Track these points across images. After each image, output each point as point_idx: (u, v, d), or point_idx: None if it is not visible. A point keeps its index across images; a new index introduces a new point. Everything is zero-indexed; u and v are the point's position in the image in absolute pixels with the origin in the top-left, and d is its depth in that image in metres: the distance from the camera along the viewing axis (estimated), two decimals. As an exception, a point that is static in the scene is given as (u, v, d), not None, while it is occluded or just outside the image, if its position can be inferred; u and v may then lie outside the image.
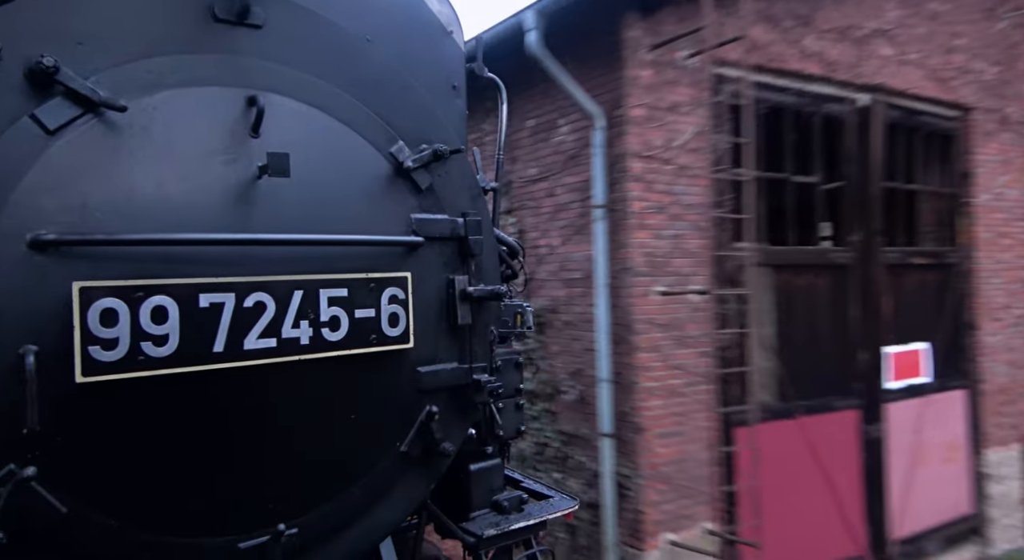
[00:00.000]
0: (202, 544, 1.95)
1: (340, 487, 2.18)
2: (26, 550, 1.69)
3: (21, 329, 1.65)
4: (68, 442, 1.72)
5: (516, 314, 2.95)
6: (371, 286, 2.14)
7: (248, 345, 1.92)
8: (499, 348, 2.77)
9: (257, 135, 2.00)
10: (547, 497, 2.97)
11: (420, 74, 2.54)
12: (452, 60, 2.78)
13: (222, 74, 2.02)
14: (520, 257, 2.97)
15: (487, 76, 2.98)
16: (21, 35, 1.73)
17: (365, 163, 2.24)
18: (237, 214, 1.96)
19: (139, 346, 1.76)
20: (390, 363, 2.22)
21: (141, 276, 1.78)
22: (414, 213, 2.31)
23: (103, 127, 1.82)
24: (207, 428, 1.92)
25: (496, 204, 2.99)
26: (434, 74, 2.68)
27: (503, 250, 2.86)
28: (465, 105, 2.83)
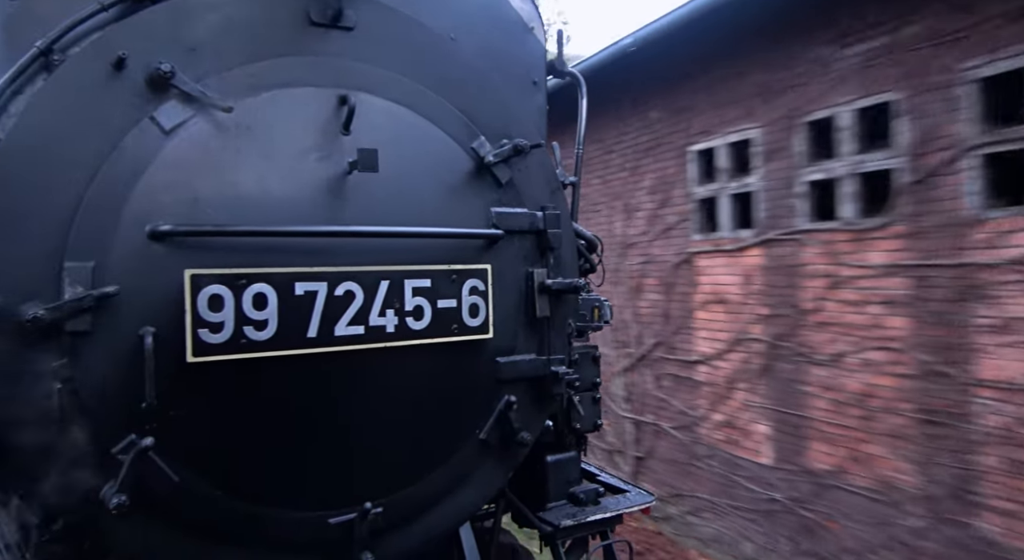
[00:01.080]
0: (296, 517, 2.09)
1: (422, 470, 2.29)
2: (144, 514, 1.86)
3: (141, 312, 1.83)
4: (179, 417, 1.90)
5: (594, 308, 2.97)
6: (453, 277, 2.23)
7: (338, 331, 2.05)
8: (576, 342, 2.80)
9: (348, 132, 2.12)
10: (623, 491, 2.98)
11: (502, 70, 2.62)
12: (533, 56, 2.84)
13: (316, 75, 2.15)
14: (598, 251, 2.99)
15: (568, 71, 3.01)
16: (143, 44, 1.92)
17: (448, 158, 2.33)
18: (329, 207, 2.09)
19: (242, 330, 1.91)
20: (470, 352, 2.31)
21: (244, 265, 1.93)
22: (494, 207, 2.39)
23: (211, 127, 1.99)
24: (301, 408, 2.06)
25: (575, 198, 3.02)
26: (515, 70, 2.76)
27: (581, 244, 2.89)
28: (545, 100, 2.88)
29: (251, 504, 2.03)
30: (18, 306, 1.72)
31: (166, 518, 1.94)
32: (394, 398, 2.21)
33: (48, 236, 1.78)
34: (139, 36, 1.94)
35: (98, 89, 1.88)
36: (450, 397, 2.32)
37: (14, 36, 1.98)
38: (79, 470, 1.82)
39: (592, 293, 3.03)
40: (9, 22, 2.01)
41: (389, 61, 2.30)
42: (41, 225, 1.78)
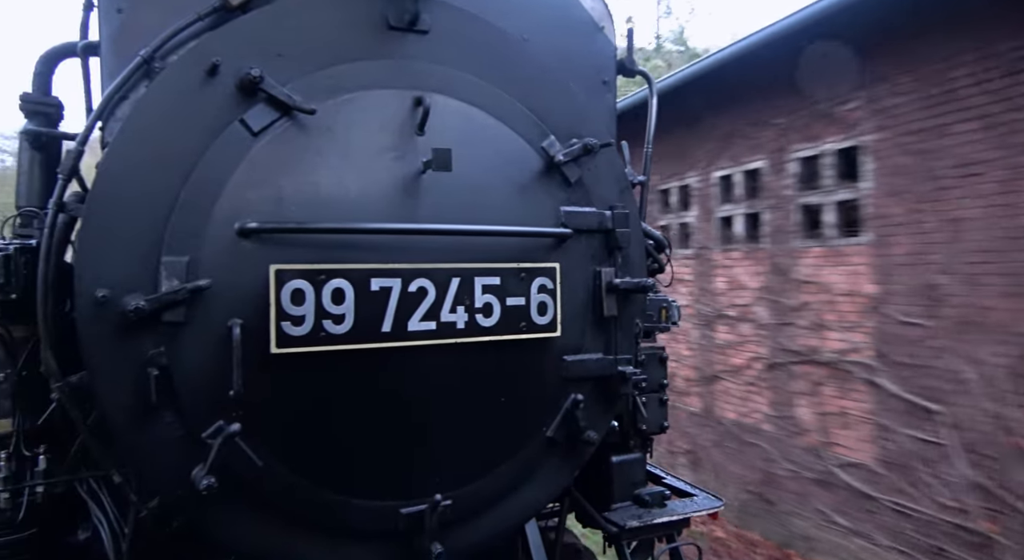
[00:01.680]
0: (369, 506, 2.18)
1: (490, 465, 2.35)
2: (229, 496, 1.98)
3: (229, 305, 1.95)
4: (263, 405, 2.01)
5: (661, 308, 2.97)
6: (522, 275, 2.28)
7: (411, 326, 2.13)
8: (644, 342, 2.80)
9: (422, 133, 2.19)
10: (690, 495, 2.96)
11: (572, 69, 2.66)
12: (603, 55, 2.87)
13: (393, 77, 2.25)
14: (667, 251, 2.99)
15: (638, 70, 3.01)
16: (234, 51, 2.04)
17: (518, 157, 2.39)
18: (404, 206, 2.18)
19: (321, 323, 2.01)
20: (538, 350, 2.36)
21: (323, 261, 2.03)
22: (563, 206, 2.43)
23: (295, 128, 2.10)
24: (375, 401, 2.16)
25: (644, 198, 3.02)
26: (586, 69, 2.79)
27: (650, 244, 2.90)
28: (615, 99, 2.89)
29: (328, 491, 2.14)
30: (121, 298, 1.85)
31: (250, 501, 2.05)
32: (463, 393, 2.28)
33: (148, 232, 1.92)
34: (231, 43, 2.07)
35: (193, 94, 2.01)
36: (518, 394, 2.37)
37: (120, 47, 2.14)
38: (172, 452, 1.96)
39: (660, 293, 3.02)
40: (116, 34, 2.17)
41: (462, 63, 2.37)
42: (143, 222, 1.92)
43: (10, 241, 2.28)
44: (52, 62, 2.80)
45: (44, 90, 2.76)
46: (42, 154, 2.68)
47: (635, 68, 3.01)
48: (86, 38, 2.68)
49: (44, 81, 2.77)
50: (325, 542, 2.17)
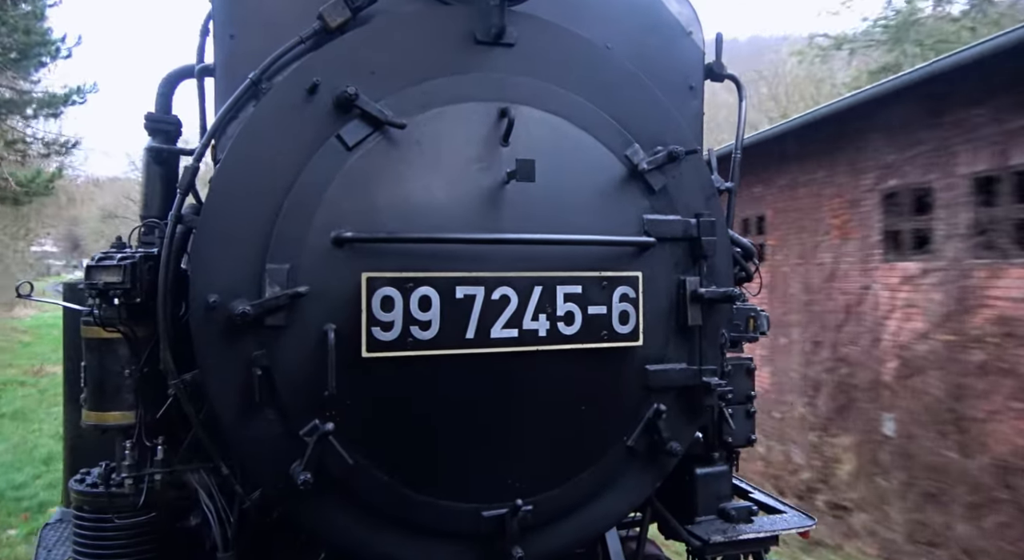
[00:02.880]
0: (452, 508, 2.29)
1: (571, 472, 2.43)
2: (323, 492, 2.15)
3: (324, 310, 2.12)
4: (354, 406, 2.17)
5: (749, 318, 2.94)
6: (604, 284, 2.34)
7: (494, 334, 2.24)
8: (730, 353, 2.77)
9: (507, 144, 2.28)
10: (779, 511, 2.89)
11: (657, 75, 2.69)
12: (690, 60, 2.87)
13: (480, 90, 2.37)
14: (755, 259, 2.94)
15: (727, 74, 2.99)
16: (332, 70, 2.21)
17: (601, 166, 2.45)
18: (488, 216, 2.29)
19: (409, 329, 2.15)
20: (620, 359, 2.40)
21: (411, 269, 2.17)
22: (647, 214, 2.47)
23: (387, 142, 2.26)
24: (459, 405, 2.29)
25: (731, 205, 2.99)
26: (672, 75, 2.81)
27: (737, 252, 2.87)
28: (702, 105, 2.89)
29: (413, 491, 2.27)
30: (230, 303, 2.06)
31: (341, 498, 2.22)
32: (544, 400, 2.36)
33: (254, 242, 2.12)
34: (329, 63, 2.25)
35: (295, 111, 2.20)
36: (599, 402, 2.42)
37: (232, 69, 2.36)
38: (273, 448, 2.15)
39: (748, 303, 2.98)
40: (228, 58, 2.40)
41: (547, 73, 2.46)
42: (250, 232, 2.12)
43: (136, 249, 2.56)
44: (172, 84, 3.10)
45: (165, 109, 3.07)
46: (163, 169, 2.98)
47: (724, 72, 2.99)
48: (202, 61, 2.97)
49: (165, 101, 3.08)
50: (409, 540, 2.31)
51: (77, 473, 2.65)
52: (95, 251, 2.55)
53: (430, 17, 2.43)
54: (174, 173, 2.96)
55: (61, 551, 3.03)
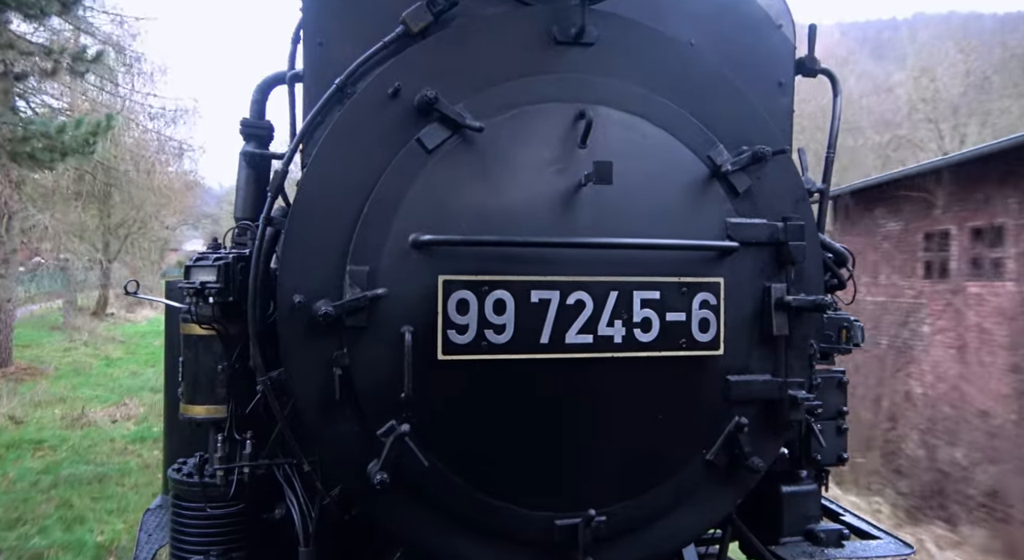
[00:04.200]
0: (524, 514, 2.37)
1: (646, 484, 2.45)
2: (398, 492, 2.28)
3: (401, 312, 2.23)
4: (429, 408, 2.27)
5: (841, 328, 2.84)
6: (683, 290, 2.35)
7: (569, 339, 2.30)
8: (820, 365, 2.69)
9: (584, 145, 2.33)
10: (873, 537, 2.78)
11: (745, 72, 2.68)
12: (780, 55, 2.83)
13: (558, 91, 2.45)
14: (849, 265, 2.84)
15: (820, 69, 2.90)
16: (413, 74, 2.34)
17: (682, 167, 2.46)
18: (564, 219, 2.36)
19: (483, 333, 2.24)
20: (699, 369, 2.41)
21: (486, 272, 2.25)
22: (730, 217, 2.45)
23: (465, 145, 2.37)
24: (532, 411, 2.36)
25: (822, 207, 2.91)
26: (759, 71, 2.78)
27: (829, 257, 2.78)
28: (792, 102, 2.82)
29: (486, 495, 2.36)
30: (313, 303, 2.20)
31: (416, 499, 2.35)
32: (619, 409, 2.39)
33: (337, 244, 2.27)
34: (410, 67, 2.38)
35: (378, 116, 2.35)
36: (676, 413, 2.43)
37: (320, 76, 2.53)
38: (351, 447, 2.29)
39: (840, 312, 2.88)
40: (317, 64, 2.57)
41: (627, 73, 2.50)
42: (333, 235, 2.28)
43: (229, 250, 2.77)
44: (266, 90, 3.34)
45: (259, 115, 3.31)
46: (255, 172, 3.21)
47: (816, 67, 2.90)
48: (293, 68, 3.17)
49: (259, 107, 3.31)
50: (482, 544, 2.40)
51: (175, 462, 2.89)
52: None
53: (510, 18, 2.52)
54: (266, 177, 3.18)
55: (160, 535, 3.32)
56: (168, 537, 2.84)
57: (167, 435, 4.01)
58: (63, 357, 19.94)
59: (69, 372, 17.70)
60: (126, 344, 23.53)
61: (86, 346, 21.85)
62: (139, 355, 21.30)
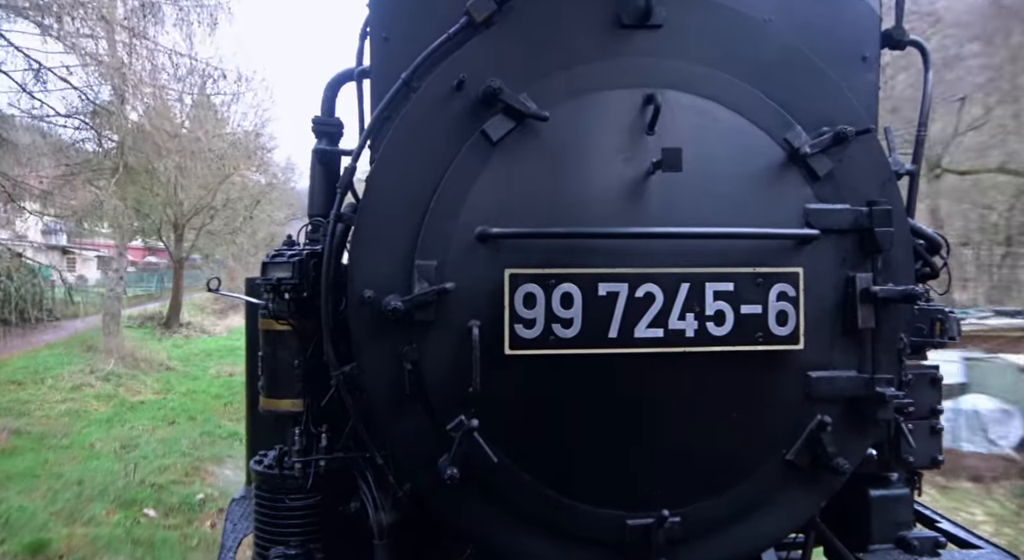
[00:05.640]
0: (594, 513, 2.43)
1: (721, 484, 2.47)
2: (468, 488, 2.38)
3: (468, 306, 2.33)
4: (497, 403, 2.36)
5: (935, 321, 2.74)
6: (758, 281, 2.34)
7: (638, 333, 2.33)
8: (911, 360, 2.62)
9: (652, 132, 2.35)
10: (974, 546, 2.68)
11: (825, 47, 2.63)
12: (864, 28, 2.75)
13: (624, 77, 2.48)
14: (943, 252, 2.73)
15: (909, 41, 2.80)
16: (479, 65, 2.43)
17: (757, 151, 2.45)
18: (632, 209, 2.39)
19: (551, 327, 2.30)
20: (777, 364, 2.39)
21: (553, 265, 2.32)
22: (809, 203, 2.42)
23: (529, 135, 2.44)
24: (602, 407, 2.41)
25: (912, 190, 2.81)
26: (841, 45, 2.72)
27: (920, 244, 2.69)
28: (878, 77, 2.74)
29: (555, 492, 2.44)
30: (383, 298, 2.32)
31: (486, 495, 2.44)
32: (692, 406, 2.42)
33: (405, 239, 2.39)
34: (474, 58, 2.47)
35: (442, 109, 2.45)
36: (753, 410, 2.43)
37: (387, 71, 2.65)
38: (422, 441, 2.41)
39: (933, 303, 2.78)
40: (383, 59, 2.70)
41: (697, 55, 2.51)
42: (401, 229, 2.40)
43: (303, 247, 2.95)
44: (335, 87, 3.51)
45: (329, 112, 3.49)
46: (326, 169, 3.39)
47: (905, 38, 2.80)
48: (361, 65, 3.33)
49: (329, 105, 3.49)
50: (553, 543, 2.48)
51: (256, 454, 3.11)
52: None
53: (575, 3, 2.54)
54: (337, 173, 3.35)
55: (244, 525, 3.57)
56: (252, 527, 3.06)
57: (249, 428, 4.30)
58: (50, 408, 14.16)
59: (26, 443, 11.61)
60: (171, 374, 18.69)
61: (107, 381, 16.62)
62: (173, 396, 16.01)
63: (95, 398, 15.43)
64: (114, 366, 17.75)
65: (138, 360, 19.11)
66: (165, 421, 13.64)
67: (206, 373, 19.07)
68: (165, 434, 12.49)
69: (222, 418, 13.90)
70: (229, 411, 14.47)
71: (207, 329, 28.76)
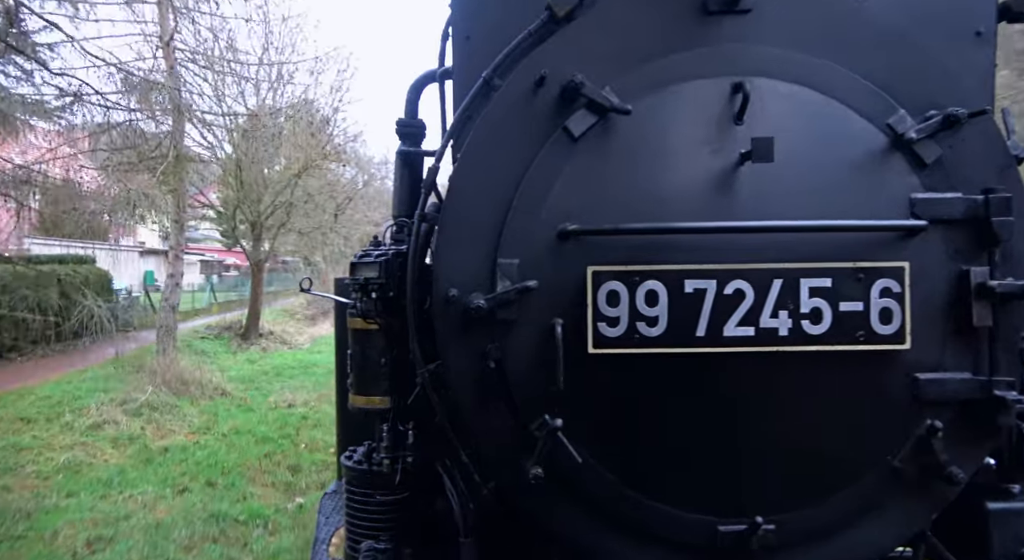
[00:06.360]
0: (683, 517, 2.40)
1: (821, 492, 2.38)
2: (553, 488, 2.40)
3: (552, 304, 2.35)
4: (581, 403, 2.37)
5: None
6: (859, 277, 2.25)
7: (727, 332, 2.28)
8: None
9: (741, 122, 2.30)
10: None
11: (933, 23, 2.50)
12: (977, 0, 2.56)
13: (710, 65, 2.44)
14: None
15: None
16: (560, 60, 2.45)
17: (856, 138, 2.36)
18: (720, 202, 2.35)
19: (635, 325, 2.29)
20: (880, 365, 2.30)
21: (637, 262, 2.31)
22: (915, 192, 2.30)
23: (612, 129, 2.43)
24: (689, 408, 2.37)
25: (1035, 175, 2.61)
26: (950, 20, 2.57)
27: (1045, 234, 2.49)
28: (994, 55, 2.57)
29: (642, 494, 2.42)
30: (466, 296, 2.38)
31: (571, 496, 2.45)
32: (787, 408, 2.34)
33: (488, 237, 2.43)
34: (556, 53, 2.49)
35: (524, 107, 2.48)
36: (854, 414, 2.34)
37: (469, 70, 2.71)
38: (506, 440, 2.44)
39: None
40: (465, 59, 2.77)
41: (789, 38, 2.43)
42: (484, 228, 2.44)
43: (389, 247, 3.07)
44: (418, 89, 3.62)
45: (413, 114, 3.60)
46: (410, 170, 3.51)
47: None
48: (443, 65, 3.41)
49: (412, 106, 3.61)
50: (640, 547, 2.46)
51: (346, 450, 3.25)
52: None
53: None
54: (420, 174, 3.46)
55: (336, 519, 3.75)
56: (343, 520, 3.21)
57: (339, 424, 4.50)
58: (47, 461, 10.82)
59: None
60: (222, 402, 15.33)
61: (137, 415, 13.34)
62: (210, 439, 12.52)
63: (112, 443, 12.00)
64: (152, 394, 14.36)
65: (187, 384, 15.87)
66: (175, 487, 9.90)
67: (264, 401, 15.69)
68: (163, 514, 8.75)
69: (254, 482, 10.09)
70: (269, 466, 10.77)
71: (288, 339, 26.40)
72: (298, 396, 15.77)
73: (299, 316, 33.63)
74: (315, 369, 19.93)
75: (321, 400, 15.19)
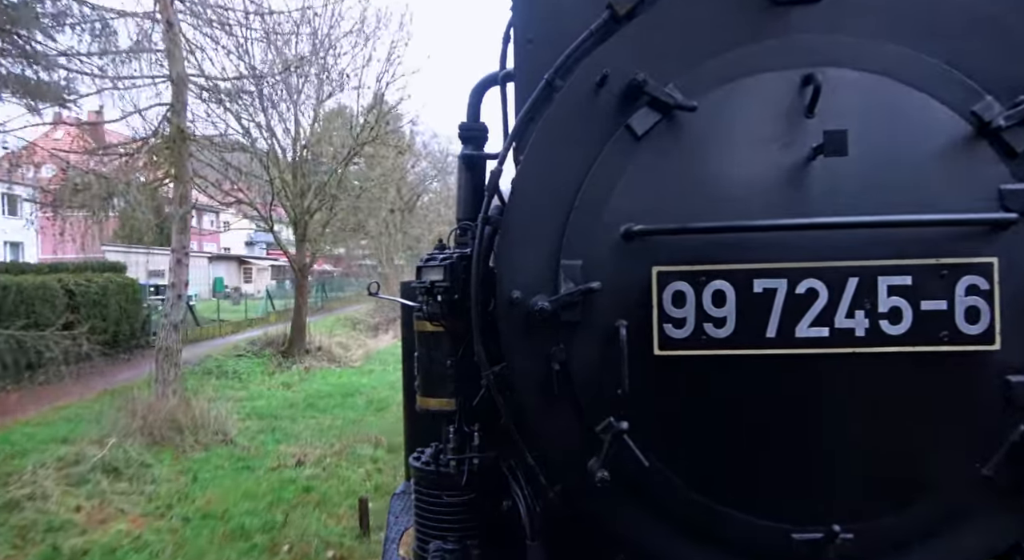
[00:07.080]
0: (754, 524, 2.36)
1: (903, 500, 2.30)
2: (619, 492, 2.39)
3: (615, 306, 2.35)
4: (647, 405, 2.36)
5: None
6: (943, 274, 2.17)
7: (799, 333, 2.23)
8: None
9: (812, 115, 2.25)
10: None
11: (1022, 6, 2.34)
12: None
13: (779, 58, 2.39)
14: None
15: None
16: (621, 59, 2.45)
17: (937, 128, 2.27)
18: (791, 199, 2.30)
19: (702, 326, 2.27)
20: (967, 367, 2.20)
21: (703, 262, 2.28)
22: (1004, 183, 2.20)
23: (676, 127, 2.41)
24: (760, 411, 2.33)
25: None
26: None
27: None
28: None
29: (710, 499, 2.39)
30: (530, 298, 2.41)
31: (637, 500, 2.44)
32: (866, 412, 2.27)
33: (551, 239, 2.45)
34: (618, 52, 2.48)
35: (586, 107, 2.48)
36: (939, 418, 2.25)
37: (531, 73, 2.73)
38: (572, 443, 2.45)
39: None
40: (527, 62, 2.80)
41: (862, 25, 2.36)
42: (547, 230, 2.46)
43: (453, 250, 3.13)
44: (480, 92, 3.68)
45: (475, 117, 3.65)
46: (473, 174, 3.56)
47: None
48: (504, 68, 3.46)
49: (475, 110, 3.66)
50: (708, 552, 2.42)
51: (414, 451, 3.34)
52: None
53: None
54: (483, 178, 3.51)
55: (405, 518, 3.85)
56: (412, 520, 3.30)
57: (407, 425, 4.61)
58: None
59: None
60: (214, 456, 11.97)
61: (85, 481, 9.86)
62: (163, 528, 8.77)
63: (19, 532, 8.43)
64: (116, 448, 10.86)
65: (179, 428, 12.50)
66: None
67: (274, 450, 12.51)
68: None
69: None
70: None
71: (338, 356, 22.84)
72: (315, 447, 12.51)
73: (361, 326, 31.38)
74: (357, 398, 17.07)
75: (342, 454, 11.79)
